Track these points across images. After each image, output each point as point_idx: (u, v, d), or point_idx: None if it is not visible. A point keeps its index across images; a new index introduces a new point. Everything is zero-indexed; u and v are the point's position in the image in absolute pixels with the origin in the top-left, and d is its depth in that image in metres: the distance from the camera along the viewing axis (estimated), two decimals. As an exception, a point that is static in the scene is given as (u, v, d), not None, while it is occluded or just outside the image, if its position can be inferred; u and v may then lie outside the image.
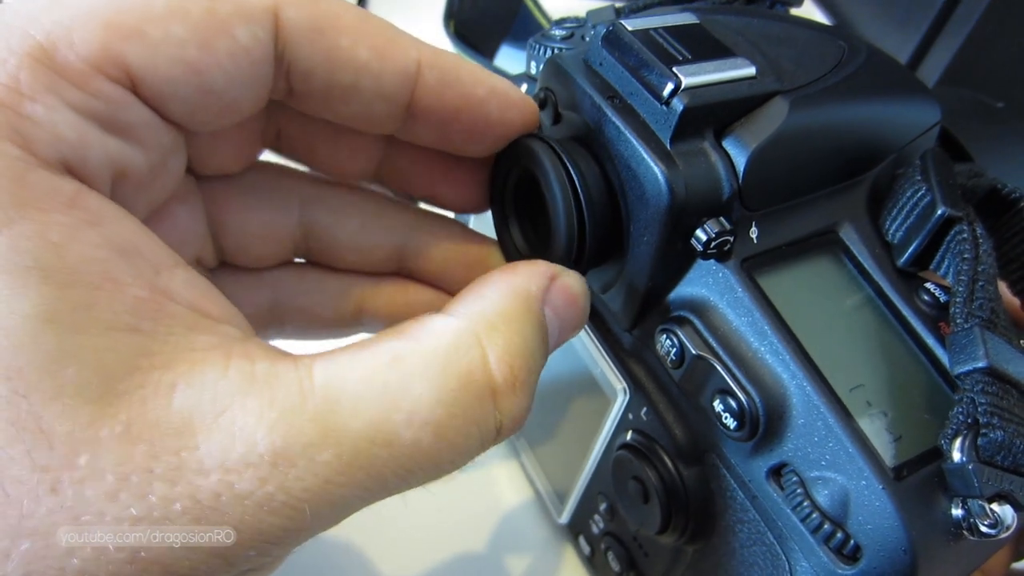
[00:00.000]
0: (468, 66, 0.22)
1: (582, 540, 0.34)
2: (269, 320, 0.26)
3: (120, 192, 0.19)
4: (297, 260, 0.27)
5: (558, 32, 0.29)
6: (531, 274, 0.21)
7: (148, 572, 0.15)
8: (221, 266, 0.25)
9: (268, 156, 0.25)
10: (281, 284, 0.26)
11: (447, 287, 0.27)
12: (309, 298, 0.27)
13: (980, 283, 0.22)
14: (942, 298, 0.24)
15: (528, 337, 0.19)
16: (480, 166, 0.25)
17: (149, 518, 0.15)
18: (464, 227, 0.27)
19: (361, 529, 0.35)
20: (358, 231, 0.26)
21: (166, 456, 0.15)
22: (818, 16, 0.62)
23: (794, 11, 0.36)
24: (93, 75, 0.17)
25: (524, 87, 0.29)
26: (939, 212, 0.23)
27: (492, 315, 0.19)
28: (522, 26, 0.55)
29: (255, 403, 0.16)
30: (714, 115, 0.21)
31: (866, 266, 0.24)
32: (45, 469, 0.15)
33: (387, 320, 0.27)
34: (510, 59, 0.55)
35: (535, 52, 0.29)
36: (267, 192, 0.25)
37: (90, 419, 0.15)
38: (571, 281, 0.22)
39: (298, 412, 0.16)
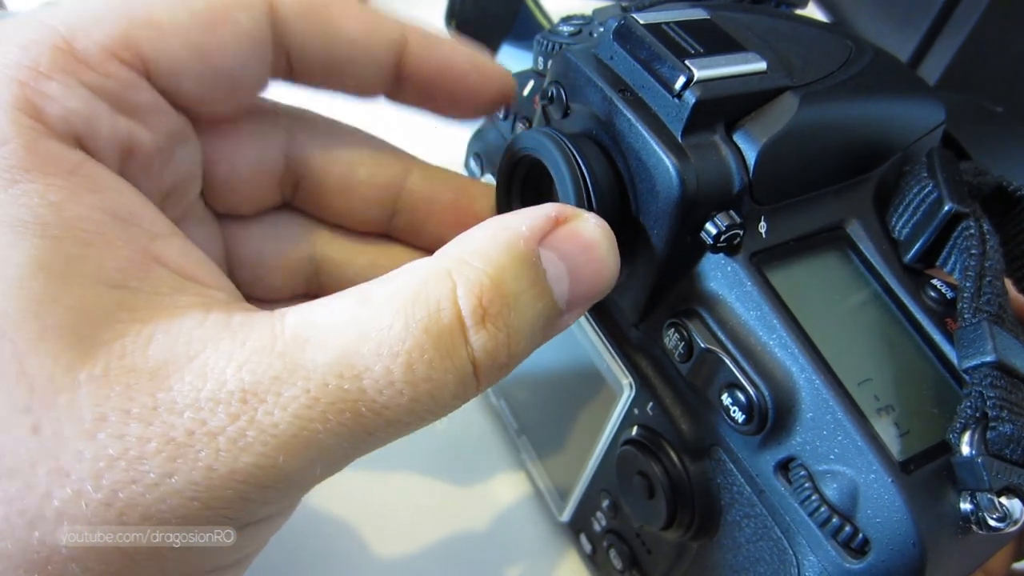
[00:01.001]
0: (450, 39, 0.25)
1: (583, 538, 0.34)
2: None
3: (129, 172, 0.20)
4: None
5: (566, 28, 0.29)
6: (528, 215, 0.20)
7: (125, 515, 0.15)
8: None
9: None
10: None
11: None
12: None
13: (987, 278, 0.22)
14: (948, 295, 0.24)
15: (506, 274, 0.18)
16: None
17: (125, 457, 0.15)
18: None
19: (360, 525, 0.35)
20: (368, 268, 0.27)
21: (141, 398, 0.16)
22: (818, 15, 0.63)
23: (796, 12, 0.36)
24: (107, 59, 0.19)
25: (531, 83, 0.30)
26: (946, 208, 0.23)
27: (467, 252, 0.19)
28: (523, 26, 0.55)
29: (227, 345, 0.17)
30: (725, 109, 0.22)
31: (873, 262, 0.24)
32: (26, 410, 0.15)
33: None
34: (511, 58, 0.55)
35: (543, 48, 0.29)
36: (282, 230, 0.26)
37: (69, 363, 0.16)
38: (584, 225, 0.20)
39: (267, 351, 0.17)
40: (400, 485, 0.37)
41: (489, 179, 0.33)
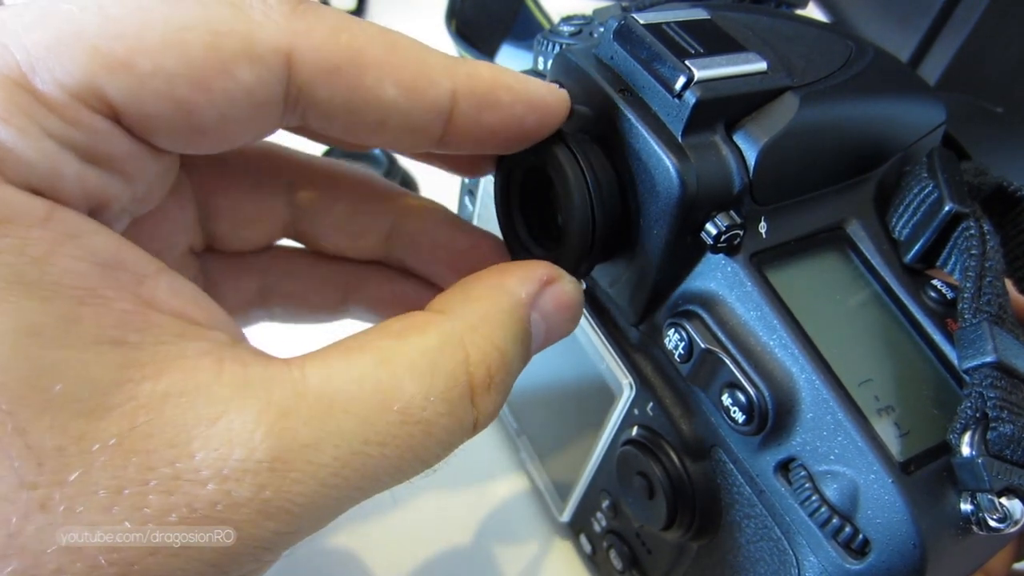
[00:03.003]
0: (504, 83, 0.20)
1: (583, 538, 0.34)
2: (258, 303, 0.27)
3: (100, 217, 0.18)
4: (286, 244, 0.27)
5: (566, 28, 0.29)
6: (523, 278, 0.21)
7: None
8: (209, 251, 0.25)
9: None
10: (270, 269, 0.26)
11: (434, 277, 0.27)
12: (297, 283, 0.27)
13: (988, 279, 0.22)
14: (949, 295, 0.24)
15: (508, 342, 0.20)
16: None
17: (143, 530, 0.15)
18: (454, 216, 0.27)
19: (359, 525, 0.35)
20: (347, 215, 0.26)
21: (161, 467, 0.15)
22: (818, 15, 0.63)
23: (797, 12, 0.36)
24: (73, 104, 0.16)
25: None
26: (946, 208, 0.23)
27: (475, 318, 0.20)
28: (523, 26, 0.55)
29: (252, 407, 0.16)
30: (726, 109, 0.22)
31: (873, 263, 0.24)
32: (33, 486, 0.14)
33: (372, 308, 0.27)
34: (511, 58, 0.55)
35: (543, 48, 0.29)
36: (256, 175, 0.25)
37: (80, 433, 0.15)
38: (567, 288, 0.22)
39: (294, 415, 0.16)
40: (399, 485, 0.37)
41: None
